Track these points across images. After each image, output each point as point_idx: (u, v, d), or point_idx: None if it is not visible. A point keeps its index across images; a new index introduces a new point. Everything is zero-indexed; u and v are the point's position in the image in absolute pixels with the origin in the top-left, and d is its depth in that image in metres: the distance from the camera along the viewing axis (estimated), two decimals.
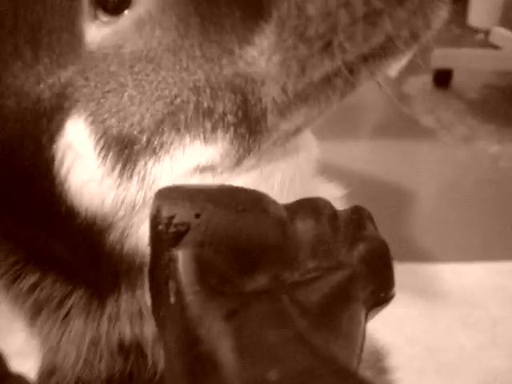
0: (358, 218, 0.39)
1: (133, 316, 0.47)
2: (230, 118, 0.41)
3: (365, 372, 0.62)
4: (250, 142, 0.42)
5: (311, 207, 0.38)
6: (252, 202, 0.37)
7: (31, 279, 0.49)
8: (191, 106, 0.40)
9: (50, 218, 0.45)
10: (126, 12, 0.40)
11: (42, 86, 0.42)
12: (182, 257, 0.35)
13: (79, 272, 0.48)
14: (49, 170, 0.43)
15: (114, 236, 0.44)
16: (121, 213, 0.43)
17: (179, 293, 0.34)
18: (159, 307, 0.36)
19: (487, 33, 3.05)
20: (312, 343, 0.32)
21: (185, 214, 0.36)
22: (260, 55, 0.40)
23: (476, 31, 3.14)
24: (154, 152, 0.41)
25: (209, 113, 0.41)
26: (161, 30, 0.40)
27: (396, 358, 0.67)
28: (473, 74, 2.86)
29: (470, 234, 1.84)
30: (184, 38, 0.40)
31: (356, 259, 0.37)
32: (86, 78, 0.41)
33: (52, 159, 0.43)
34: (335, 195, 0.56)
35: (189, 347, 0.33)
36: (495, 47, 2.92)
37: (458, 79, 2.75)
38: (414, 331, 1.49)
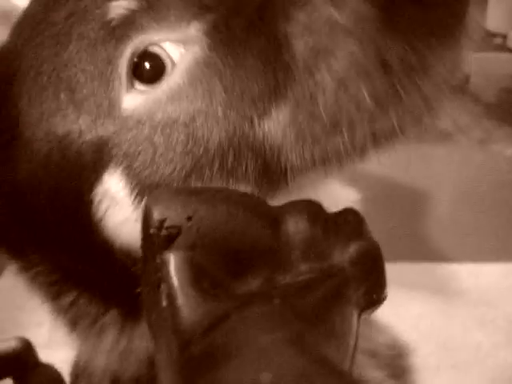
0: (351, 219, 0.39)
1: None
2: (251, 175, 0.45)
3: (380, 370, 0.63)
4: (270, 191, 0.46)
5: (303, 209, 0.38)
6: (244, 204, 0.37)
7: (69, 297, 0.54)
8: (216, 164, 0.44)
9: (88, 250, 0.50)
10: (159, 83, 0.45)
11: (82, 141, 0.46)
12: (173, 260, 0.35)
13: (113, 294, 0.52)
14: (88, 211, 0.48)
15: None
16: None
17: (171, 296, 0.34)
18: (152, 311, 0.36)
19: (505, 37, 3.07)
20: (305, 345, 0.32)
21: (176, 217, 0.36)
22: (277, 127, 0.44)
23: (494, 35, 3.16)
24: None
25: (232, 170, 0.44)
26: (189, 99, 0.44)
27: (412, 355, 0.68)
28: (489, 78, 2.87)
29: (486, 236, 1.86)
30: (210, 105, 0.44)
31: (348, 261, 0.36)
32: (122, 138, 0.45)
33: (91, 202, 0.48)
34: (352, 199, 0.58)
35: (181, 351, 0.33)
36: None
37: (474, 83, 2.77)
38: (430, 328, 1.52)
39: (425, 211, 1.97)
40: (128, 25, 0.44)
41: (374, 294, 0.38)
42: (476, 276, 1.70)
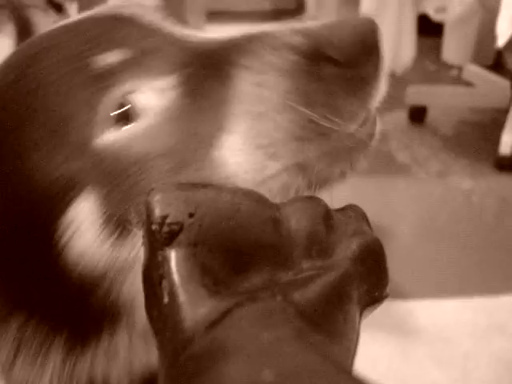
0: (353, 216, 0.40)
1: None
2: None
3: None
4: None
5: (305, 206, 0.38)
6: (246, 201, 0.37)
7: (17, 321, 0.53)
8: None
9: (45, 275, 0.51)
10: (134, 123, 0.48)
11: (57, 172, 0.49)
12: (175, 256, 0.35)
13: (63, 318, 0.52)
14: (51, 239, 0.49)
15: (103, 289, 0.50)
16: (112, 271, 0.49)
17: (172, 293, 0.34)
18: (153, 308, 0.36)
19: (460, 69, 3.13)
20: (307, 343, 0.32)
21: (178, 214, 0.36)
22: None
23: (450, 67, 3.22)
24: None
25: None
26: (160, 137, 0.48)
27: None
28: (447, 110, 2.92)
29: (444, 270, 1.86)
30: (175, 143, 0.48)
31: (350, 258, 0.37)
32: (97, 171, 0.48)
33: (55, 230, 0.49)
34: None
35: (182, 348, 0.33)
36: (468, 84, 3.00)
37: (432, 115, 2.81)
38: (388, 369, 1.51)
39: (384, 246, 1.97)
40: (112, 74, 0.49)
41: (377, 292, 0.38)
42: (433, 312, 1.70)
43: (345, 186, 0.49)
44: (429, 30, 2.93)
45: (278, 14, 4.73)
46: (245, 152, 0.47)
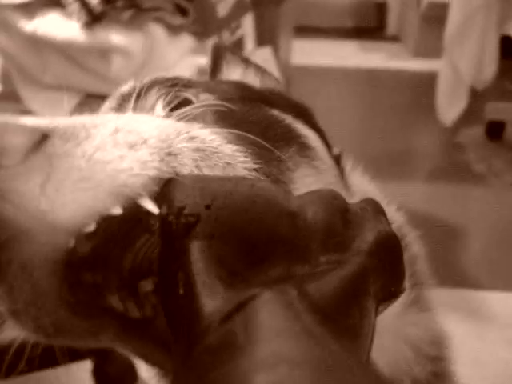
0: (370, 210, 0.38)
1: None
2: None
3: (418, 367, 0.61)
4: None
5: (323, 199, 0.37)
6: (263, 193, 0.37)
7: None
8: None
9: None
10: None
11: None
12: (191, 248, 0.35)
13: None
14: None
15: None
16: None
17: (188, 284, 0.34)
18: (168, 299, 0.36)
19: None
20: (322, 337, 0.32)
21: (195, 205, 0.35)
22: None
23: None
24: None
25: None
26: None
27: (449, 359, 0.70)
28: None
29: None
30: None
31: (367, 252, 0.36)
32: None
33: None
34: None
35: (198, 339, 0.33)
36: None
37: (510, 131, 2.95)
38: (463, 348, 1.67)
39: (460, 244, 2.15)
40: None
41: (393, 287, 0.37)
42: (504, 302, 1.87)
43: (424, 191, 0.53)
44: (510, 51, 3.08)
45: (359, 32, 4.91)
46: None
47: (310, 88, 3.29)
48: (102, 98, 0.61)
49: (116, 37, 1.66)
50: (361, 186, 0.63)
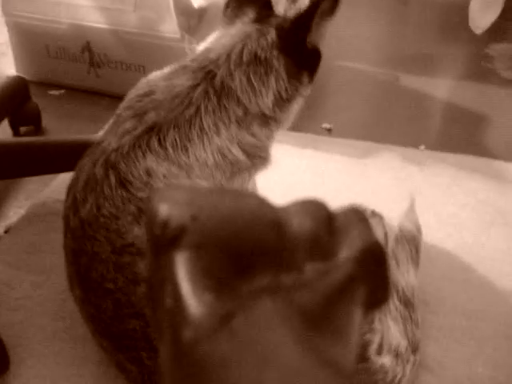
0: (355, 218, 0.39)
1: None
2: None
3: None
4: None
5: (308, 208, 0.38)
6: (249, 204, 0.37)
7: None
8: None
9: None
10: None
11: None
12: (178, 259, 0.34)
13: None
14: None
15: None
16: None
17: (175, 296, 0.34)
18: (155, 311, 0.36)
19: None
20: (310, 345, 0.32)
21: (181, 216, 0.35)
22: None
23: None
24: None
25: None
26: None
27: None
28: None
29: None
30: None
31: (352, 260, 0.36)
32: None
33: None
34: None
35: (185, 351, 0.32)
36: None
37: None
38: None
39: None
40: None
41: (378, 293, 0.37)
42: None
43: (451, 88, 0.52)
44: None
45: None
46: None
47: None
48: None
49: None
50: None
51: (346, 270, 0.36)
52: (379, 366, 1.06)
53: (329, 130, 2.08)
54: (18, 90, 1.98)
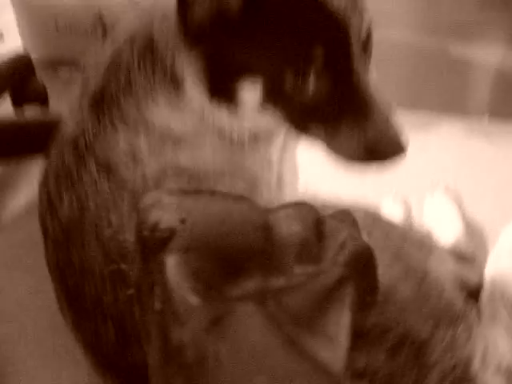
0: (344, 222, 0.39)
1: None
2: None
3: None
4: None
5: (296, 212, 0.38)
6: (237, 207, 0.37)
7: None
8: None
9: None
10: None
11: None
12: (167, 262, 0.34)
13: None
14: None
15: None
16: None
17: (164, 299, 0.34)
18: (145, 314, 0.36)
19: None
20: (299, 347, 0.32)
21: (170, 220, 0.35)
22: None
23: None
24: None
25: None
26: None
27: None
28: None
29: None
30: None
31: (341, 263, 0.36)
32: None
33: None
34: None
35: (173, 355, 0.32)
36: None
37: None
38: None
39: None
40: None
41: (367, 297, 0.38)
42: None
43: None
44: None
45: None
46: None
47: None
48: None
49: None
50: None
51: (334, 273, 0.36)
52: None
53: None
54: (19, 63, 1.86)
